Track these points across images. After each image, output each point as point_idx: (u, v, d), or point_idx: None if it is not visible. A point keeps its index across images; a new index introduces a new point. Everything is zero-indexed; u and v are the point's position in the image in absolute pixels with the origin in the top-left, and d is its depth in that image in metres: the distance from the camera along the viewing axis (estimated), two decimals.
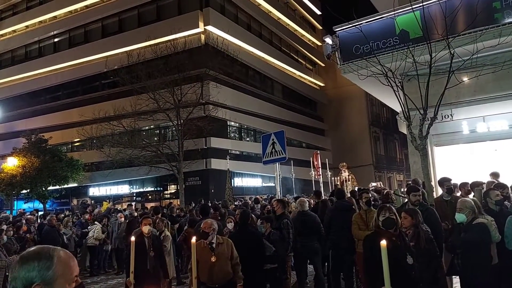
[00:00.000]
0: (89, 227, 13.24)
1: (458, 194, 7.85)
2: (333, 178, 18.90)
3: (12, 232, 10.51)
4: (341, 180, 17.20)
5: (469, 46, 8.03)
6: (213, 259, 5.32)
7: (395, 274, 3.26)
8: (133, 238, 5.84)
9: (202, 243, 5.44)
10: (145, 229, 6.92)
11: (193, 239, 3.45)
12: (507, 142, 11.43)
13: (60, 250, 1.78)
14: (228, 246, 5.52)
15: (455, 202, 6.64)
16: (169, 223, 10.75)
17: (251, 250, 5.90)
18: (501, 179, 8.37)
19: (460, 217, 5.54)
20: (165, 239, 8.24)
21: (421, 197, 6.55)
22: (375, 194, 10.20)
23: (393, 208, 4.85)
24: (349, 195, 11.25)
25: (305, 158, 18.91)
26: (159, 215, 10.88)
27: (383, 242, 1.87)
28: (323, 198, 10.82)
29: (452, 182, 7.78)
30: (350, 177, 17.45)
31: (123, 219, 12.86)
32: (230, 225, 7.48)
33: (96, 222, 13.30)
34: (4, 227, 10.04)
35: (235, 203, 15.84)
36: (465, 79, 9.57)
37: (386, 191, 10.41)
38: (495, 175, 8.76)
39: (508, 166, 10.48)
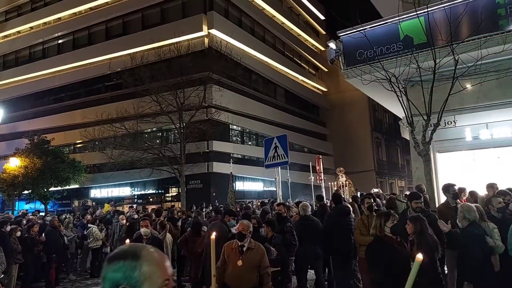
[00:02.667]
0: (86, 231, 13.19)
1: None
2: (329, 183, 18.79)
3: (20, 232, 10.52)
4: (338, 185, 17.09)
5: (473, 52, 8.02)
6: (239, 263, 5.06)
7: (400, 282, 3.23)
8: (127, 241, 5.83)
9: (234, 243, 5.22)
10: (143, 231, 6.88)
11: (213, 235, 3.33)
12: (510, 150, 11.40)
13: (150, 249, 1.58)
14: (259, 253, 5.17)
15: None
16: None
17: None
18: (504, 187, 8.32)
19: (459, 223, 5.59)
20: None
21: (422, 204, 6.52)
22: (378, 200, 10.15)
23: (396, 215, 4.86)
24: (350, 200, 11.24)
25: (307, 163, 18.85)
26: (161, 217, 10.91)
27: (419, 256, 1.81)
28: (322, 202, 10.78)
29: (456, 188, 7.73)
30: (347, 182, 17.34)
31: (124, 221, 12.79)
32: (233, 229, 7.46)
33: (89, 225, 13.26)
34: (9, 227, 10.04)
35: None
36: (469, 85, 9.57)
37: (390, 196, 10.35)
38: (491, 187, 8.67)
39: (511, 173, 10.45)
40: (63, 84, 34.27)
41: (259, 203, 17.92)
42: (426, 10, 8.08)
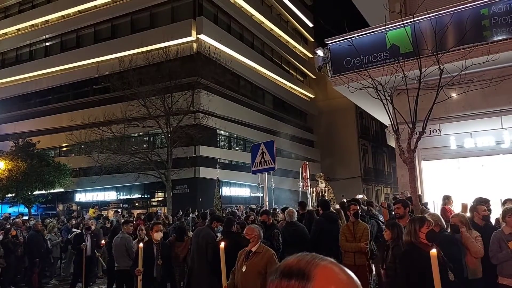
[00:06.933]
0: (69, 235, 13.00)
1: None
2: (308, 190, 18.57)
3: (1, 236, 10.37)
4: (317, 192, 16.88)
5: (458, 62, 8.14)
6: (243, 268, 4.87)
7: None
8: (141, 245, 5.73)
9: (245, 250, 5.06)
10: (157, 236, 6.71)
11: (222, 245, 3.29)
12: (494, 158, 11.56)
13: (327, 264, 1.11)
14: (264, 258, 4.88)
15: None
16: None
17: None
18: (488, 195, 8.42)
19: None
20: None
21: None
22: (363, 207, 10.20)
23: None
24: (337, 206, 11.26)
25: (294, 169, 18.86)
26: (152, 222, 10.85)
27: (433, 251, 1.78)
28: (309, 209, 10.77)
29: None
30: (326, 188, 17.19)
31: (93, 227, 11.91)
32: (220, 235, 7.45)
33: (73, 229, 13.08)
34: None
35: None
36: (454, 94, 9.71)
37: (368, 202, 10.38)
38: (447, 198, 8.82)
39: (494, 182, 10.61)
40: (50, 87, 33.98)
41: (243, 209, 17.84)
42: (412, 20, 8.19)
